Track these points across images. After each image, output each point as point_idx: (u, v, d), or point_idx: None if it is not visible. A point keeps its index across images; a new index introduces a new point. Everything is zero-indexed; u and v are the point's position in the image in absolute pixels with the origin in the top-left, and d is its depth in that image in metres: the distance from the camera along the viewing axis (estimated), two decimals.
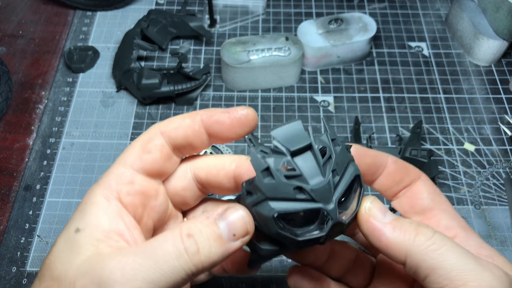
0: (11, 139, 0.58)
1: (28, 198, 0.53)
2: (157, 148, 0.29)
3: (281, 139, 0.27)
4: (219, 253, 0.26)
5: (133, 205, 0.28)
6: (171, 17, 0.66)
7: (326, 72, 0.65)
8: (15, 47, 0.67)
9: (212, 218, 0.26)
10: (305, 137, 0.27)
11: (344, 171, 0.27)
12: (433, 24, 0.71)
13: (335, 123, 0.59)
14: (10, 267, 0.48)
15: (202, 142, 0.30)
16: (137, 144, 0.29)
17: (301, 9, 0.72)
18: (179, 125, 0.29)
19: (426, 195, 0.31)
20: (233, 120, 0.29)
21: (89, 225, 0.26)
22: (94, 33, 0.69)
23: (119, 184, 0.28)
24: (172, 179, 0.31)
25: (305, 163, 0.26)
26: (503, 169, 0.55)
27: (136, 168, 0.29)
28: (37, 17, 0.71)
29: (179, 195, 0.31)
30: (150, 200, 0.29)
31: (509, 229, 0.51)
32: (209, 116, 0.29)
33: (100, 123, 0.59)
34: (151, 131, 0.29)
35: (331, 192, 0.26)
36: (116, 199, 0.28)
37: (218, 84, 0.63)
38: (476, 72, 0.65)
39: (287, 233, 0.27)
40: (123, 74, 0.60)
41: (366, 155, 0.31)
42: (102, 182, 0.28)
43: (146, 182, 0.29)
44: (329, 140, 0.27)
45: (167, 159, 0.30)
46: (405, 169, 0.31)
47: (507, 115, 0.60)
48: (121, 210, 0.27)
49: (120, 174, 0.28)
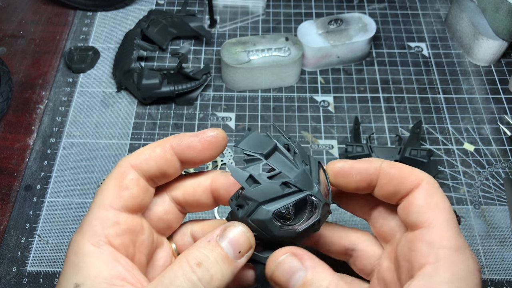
0: (12, 139, 0.58)
1: (28, 198, 0.53)
2: (133, 183, 0.28)
3: (250, 149, 0.29)
4: (230, 273, 0.26)
5: (124, 245, 0.27)
6: (171, 17, 0.66)
7: (326, 72, 0.65)
8: (16, 47, 0.67)
9: (213, 240, 0.26)
10: (269, 141, 0.30)
11: (309, 161, 0.30)
12: (432, 25, 0.71)
13: (335, 123, 0.59)
14: (10, 267, 0.48)
15: (175, 169, 0.30)
16: (111, 182, 0.28)
17: (301, 10, 0.73)
18: (150, 156, 0.29)
19: (417, 209, 0.29)
20: (204, 143, 0.29)
21: (88, 278, 0.25)
22: (94, 33, 0.69)
23: (105, 228, 0.27)
24: (151, 207, 0.31)
25: (278, 162, 0.29)
26: (502, 169, 0.55)
27: (117, 207, 0.28)
28: (37, 17, 0.71)
29: (162, 220, 0.31)
30: (138, 235, 0.29)
31: (509, 229, 0.51)
32: (179, 142, 0.29)
33: (100, 123, 0.59)
34: (122, 167, 0.29)
35: (310, 178, 0.29)
36: (106, 244, 0.27)
37: (218, 84, 0.63)
38: (475, 72, 0.65)
39: (288, 229, 0.28)
40: (123, 74, 0.60)
41: (352, 173, 0.30)
42: (86, 230, 0.27)
43: (130, 219, 0.28)
44: (287, 139, 0.31)
45: (145, 191, 0.29)
46: (401, 178, 0.30)
47: (507, 115, 0.60)
48: (114, 253, 0.27)
49: (103, 217, 0.27)
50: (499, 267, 0.49)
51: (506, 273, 0.48)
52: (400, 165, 0.30)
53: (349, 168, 0.30)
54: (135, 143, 0.57)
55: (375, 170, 0.30)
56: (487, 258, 0.49)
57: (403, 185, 0.29)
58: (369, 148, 0.55)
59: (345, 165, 0.30)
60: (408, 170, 0.30)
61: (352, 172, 0.30)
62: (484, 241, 0.50)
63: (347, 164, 0.30)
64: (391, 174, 0.30)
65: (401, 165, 0.30)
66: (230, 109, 0.61)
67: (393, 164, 0.30)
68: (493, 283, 0.47)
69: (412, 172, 0.30)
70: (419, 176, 0.29)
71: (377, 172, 0.30)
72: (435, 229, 0.28)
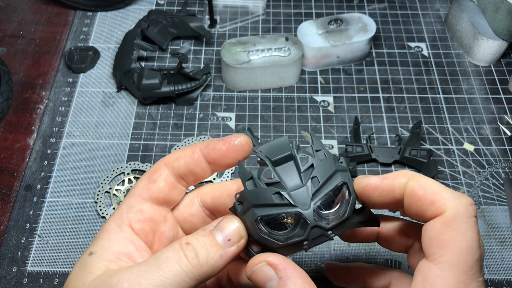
0: (12, 139, 0.58)
1: (28, 198, 0.53)
2: (161, 178, 0.32)
3: (265, 152, 0.29)
4: (217, 257, 0.28)
5: (144, 231, 0.31)
6: (171, 17, 0.66)
7: (326, 72, 0.65)
8: (16, 47, 0.67)
9: (207, 229, 0.29)
10: (287, 148, 0.29)
11: (328, 179, 0.28)
12: (432, 25, 0.71)
13: (335, 123, 0.59)
14: (10, 267, 0.48)
15: (203, 169, 0.32)
16: (145, 176, 0.32)
17: (301, 10, 0.73)
18: (180, 155, 0.32)
19: (427, 240, 0.27)
20: (228, 147, 0.31)
21: (101, 248, 0.29)
22: (94, 33, 0.69)
23: (130, 213, 0.31)
24: (180, 207, 0.34)
25: (286, 171, 0.29)
26: (502, 169, 0.55)
27: (144, 197, 0.31)
28: (37, 17, 0.71)
29: (188, 221, 0.34)
30: (159, 226, 0.32)
31: (508, 229, 0.51)
32: (207, 144, 0.32)
33: (100, 123, 0.59)
34: (157, 164, 0.32)
35: (309, 197, 0.28)
36: (127, 226, 0.30)
37: (218, 84, 0.63)
38: (475, 72, 0.65)
39: (269, 238, 0.28)
40: (123, 74, 0.60)
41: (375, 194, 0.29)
42: (115, 213, 0.31)
43: (154, 210, 0.32)
44: (313, 151, 0.29)
45: (172, 187, 0.32)
46: (425, 201, 0.27)
47: (507, 115, 0.60)
48: (132, 235, 0.30)
49: (130, 204, 0.31)
50: (499, 267, 0.49)
51: (506, 273, 0.48)
52: (426, 184, 0.28)
53: (373, 189, 0.29)
54: (135, 143, 0.58)
55: (400, 190, 0.28)
56: (487, 258, 0.49)
57: (426, 211, 0.27)
58: (369, 148, 0.55)
59: (368, 184, 0.29)
60: (432, 194, 0.27)
61: (376, 193, 0.29)
62: (484, 241, 0.50)
63: (371, 183, 0.29)
64: (414, 195, 0.28)
65: (426, 184, 0.28)
66: (230, 109, 0.61)
67: (418, 183, 0.28)
68: (493, 283, 0.48)
69: (438, 196, 0.27)
70: (444, 204, 0.26)
71: (402, 191, 0.28)
72: (436, 269, 0.26)
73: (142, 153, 0.57)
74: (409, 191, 0.28)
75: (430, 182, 0.28)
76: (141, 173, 0.55)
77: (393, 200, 0.29)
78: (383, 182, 0.29)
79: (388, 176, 0.29)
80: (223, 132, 0.59)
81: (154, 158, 0.56)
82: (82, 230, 0.51)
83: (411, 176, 0.28)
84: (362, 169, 0.55)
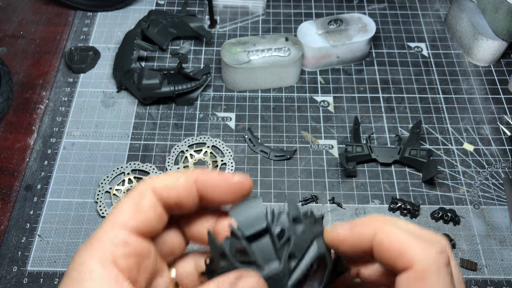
0: (12, 139, 0.58)
1: (29, 198, 0.53)
2: (150, 208, 0.28)
3: (239, 221, 0.27)
4: None
5: (129, 268, 0.27)
6: (172, 17, 0.66)
7: (325, 72, 0.65)
8: (16, 48, 0.67)
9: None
10: (262, 220, 0.27)
11: (306, 251, 0.27)
12: (432, 25, 0.71)
13: (335, 123, 0.60)
14: (11, 267, 0.48)
15: (193, 204, 0.29)
16: (129, 202, 0.28)
17: (301, 10, 0.73)
18: (173, 185, 0.28)
19: None
20: (228, 184, 0.28)
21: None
22: (94, 33, 0.69)
23: (114, 247, 0.26)
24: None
25: (261, 248, 0.26)
26: (502, 169, 0.56)
27: (129, 228, 0.27)
28: (38, 17, 0.71)
29: (166, 243, 0.30)
30: (144, 260, 0.28)
31: (508, 229, 0.51)
32: (205, 179, 0.28)
33: (100, 123, 0.59)
34: (143, 188, 0.28)
35: (285, 278, 0.26)
36: (111, 263, 0.26)
37: (218, 84, 0.63)
38: (475, 72, 0.65)
39: None
40: (123, 75, 0.60)
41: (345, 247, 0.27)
42: (94, 246, 0.26)
43: (139, 243, 0.28)
44: (289, 220, 0.27)
45: (160, 218, 0.28)
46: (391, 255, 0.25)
47: (506, 115, 0.60)
48: (117, 275, 0.26)
49: (113, 236, 0.27)
50: (499, 267, 0.49)
51: (505, 273, 0.48)
52: (393, 234, 0.26)
53: (341, 242, 0.27)
54: (135, 143, 0.58)
55: (368, 242, 0.26)
56: (486, 258, 0.49)
57: (396, 263, 0.25)
58: (369, 148, 0.55)
59: (337, 238, 0.27)
60: (400, 245, 0.25)
61: (344, 246, 0.27)
62: (483, 241, 0.50)
63: (340, 236, 0.27)
64: (382, 248, 0.26)
65: (394, 235, 0.26)
66: (230, 109, 0.61)
67: (386, 234, 0.26)
68: (493, 283, 0.48)
69: (406, 248, 0.25)
70: (412, 256, 0.24)
71: (370, 243, 0.26)
72: None
73: (142, 153, 0.57)
74: (377, 243, 0.26)
75: (398, 232, 0.25)
76: (141, 173, 0.55)
77: (364, 252, 0.27)
78: (351, 233, 0.27)
79: (357, 224, 0.27)
80: (223, 132, 0.59)
81: (154, 158, 0.56)
82: (82, 230, 0.51)
83: (379, 226, 0.26)
84: (362, 169, 0.55)
